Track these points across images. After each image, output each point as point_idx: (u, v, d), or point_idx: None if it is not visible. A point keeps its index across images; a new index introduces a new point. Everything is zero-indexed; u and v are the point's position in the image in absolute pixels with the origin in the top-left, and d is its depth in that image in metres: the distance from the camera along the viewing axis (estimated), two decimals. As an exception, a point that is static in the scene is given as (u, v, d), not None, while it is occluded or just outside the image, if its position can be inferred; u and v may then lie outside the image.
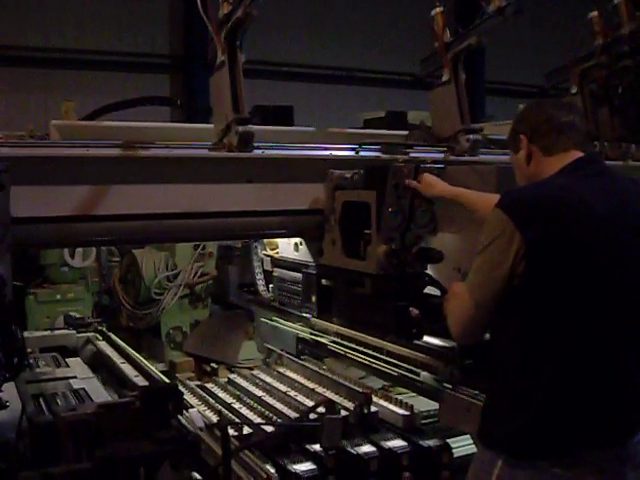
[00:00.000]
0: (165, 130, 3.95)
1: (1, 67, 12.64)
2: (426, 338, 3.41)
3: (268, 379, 4.38)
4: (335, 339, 4.39)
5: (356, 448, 3.24)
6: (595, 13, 4.68)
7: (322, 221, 3.54)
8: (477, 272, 2.39)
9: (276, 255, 4.65)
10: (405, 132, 4.54)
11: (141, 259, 6.40)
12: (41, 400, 3.38)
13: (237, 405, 3.92)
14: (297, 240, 4.21)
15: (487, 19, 3.86)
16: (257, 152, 3.31)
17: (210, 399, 4.06)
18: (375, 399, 3.70)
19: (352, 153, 3.68)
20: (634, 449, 2.37)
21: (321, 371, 4.32)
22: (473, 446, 3.08)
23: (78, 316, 5.55)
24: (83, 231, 3.15)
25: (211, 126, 3.50)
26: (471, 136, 4.00)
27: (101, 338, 4.85)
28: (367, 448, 3.25)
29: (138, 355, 4.30)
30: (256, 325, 5.52)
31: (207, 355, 5.92)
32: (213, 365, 5.47)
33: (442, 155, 3.96)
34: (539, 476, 2.30)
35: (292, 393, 4.04)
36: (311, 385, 4.17)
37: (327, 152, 3.56)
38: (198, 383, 4.61)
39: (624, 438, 2.36)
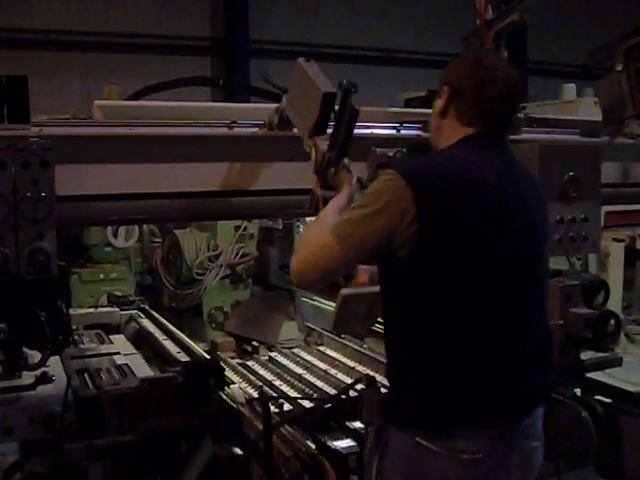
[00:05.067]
0: (207, 109, 3.95)
1: (43, 51, 12.79)
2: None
3: (308, 357, 4.41)
4: (376, 318, 4.39)
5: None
6: (642, -12, 4.58)
7: (364, 198, 3.53)
8: (351, 224, 2.29)
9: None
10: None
11: (183, 239, 6.45)
12: (86, 375, 3.45)
13: (278, 382, 3.96)
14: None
15: (530, -4, 3.81)
16: (298, 130, 3.31)
17: (251, 376, 4.09)
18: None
19: (393, 132, 3.66)
20: (523, 430, 2.35)
21: (361, 349, 4.33)
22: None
23: (121, 294, 5.63)
24: (127, 209, 3.18)
25: (251, 105, 3.50)
26: (514, 114, 3.95)
27: (143, 316, 4.90)
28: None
29: (180, 332, 4.35)
30: (297, 305, 5.55)
31: (248, 335, 5.95)
32: (254, 344, 5.51)
33: (484, 133, 3.92)
34: (417, 449, 2.27)
35: (332, 371, 4.06)
36: (351, 363, 4.19)
37: (368, 130, 3.54)
38: (239, 361, 4.66)
39: (509, 418, 2.33)
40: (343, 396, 3.11)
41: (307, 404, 3.48)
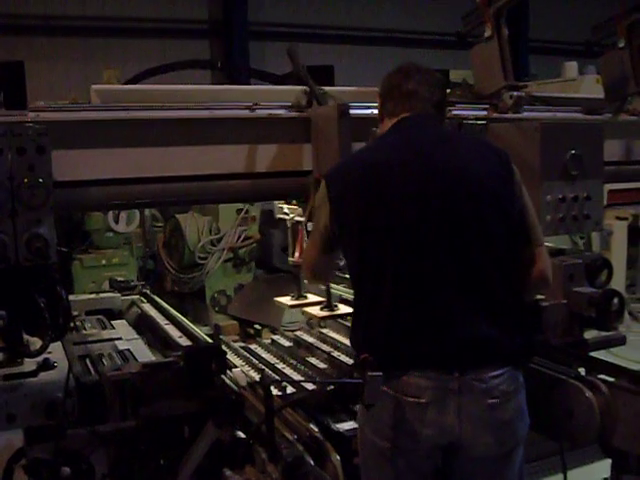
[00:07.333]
0: (208, 92, 3.92)
1: (41, 37, 12.75)
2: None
3: (311, 340, 4.40)
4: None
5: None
6: (643, -37, 4.52)
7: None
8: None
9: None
10: (447, 90, 4.46)
11: (185, 224, 6.44)
12: (88, 361, 3.44)
13: (280, 365, 3.95)
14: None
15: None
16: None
17: (254, 359, 4.09)
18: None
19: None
20: (468, 384, 2.46)
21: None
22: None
23: (123, 279, 5.61)
24: (126, 194, 3.16)
25: (251, 87, 3.48)
26: (514, 93, 3.92)
27: (145, 301, 4.89)
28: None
29: (182, 317, 4.34)
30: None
31: (251, 318, 5.95)
32: (257, 327, 5.51)
33: (485, 112, 3.89)
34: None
35: (335, 353, 4.06)
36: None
37: (368, 111, 3.52)
38: (242, 344, 4.65)
39: (447, 369, 2.46)
40: (345, 378, 3.10)
41: (310, 387, 3.47)
